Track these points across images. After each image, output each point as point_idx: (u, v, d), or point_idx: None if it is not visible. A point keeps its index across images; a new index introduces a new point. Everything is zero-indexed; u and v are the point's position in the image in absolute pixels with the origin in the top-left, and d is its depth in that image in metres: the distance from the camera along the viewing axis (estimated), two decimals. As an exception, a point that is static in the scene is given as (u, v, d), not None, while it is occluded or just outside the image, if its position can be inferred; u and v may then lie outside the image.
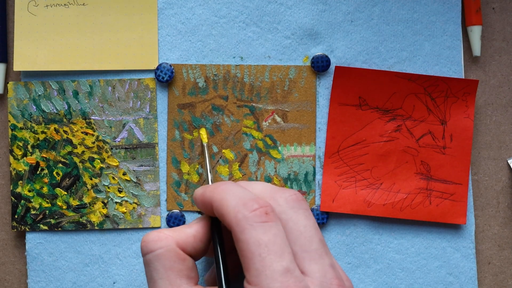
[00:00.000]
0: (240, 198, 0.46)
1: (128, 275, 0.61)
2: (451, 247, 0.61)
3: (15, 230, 0.61)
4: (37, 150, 0.61)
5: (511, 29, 0.63)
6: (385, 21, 0.61)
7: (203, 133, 0.61)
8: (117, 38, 0.61)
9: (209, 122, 0.61)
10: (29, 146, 0.61)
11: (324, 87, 0.61)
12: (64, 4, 0.61)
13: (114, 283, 0.61)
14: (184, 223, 0.61)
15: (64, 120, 0.61)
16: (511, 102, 0.63)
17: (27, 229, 0.61)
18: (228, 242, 0.52)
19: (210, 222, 0.51)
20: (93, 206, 0.61)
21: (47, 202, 0.61)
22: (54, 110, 0.61)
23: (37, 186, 0.61)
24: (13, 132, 0.61)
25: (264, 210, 0.46)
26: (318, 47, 0.61)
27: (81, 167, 0.61)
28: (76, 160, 0.61)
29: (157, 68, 0.61)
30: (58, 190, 0.61)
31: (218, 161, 0.61)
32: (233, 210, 0.46)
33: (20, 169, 0.61)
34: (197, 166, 0.61)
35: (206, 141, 0.60)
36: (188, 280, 0.48)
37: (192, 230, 0.50)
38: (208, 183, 0.56)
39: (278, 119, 0.61)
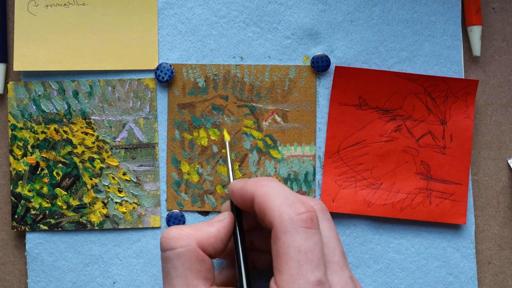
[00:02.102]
0: (286, 197, 0.46)
1: (128, 275, 0.61)
2: (451, 247, 0.61)
3: (15, 230, 0.61)
4: (37, 150, 0.61)
5: (511, 29, 0.63)
6: (385, 21, 0.61)
7: (225, 133, 0.61)
8: (117, 38, 0.61)
9: (209, 122, 0.61)
10: (29, 146, 0.61)
11: (324, 87, 0.61)
12: (64, 4, 0.61)
13: (114, 283, 0.61)
14: (184, 223, 0.61)
15: (64, 120, 0.61)
16: (511, 102, 0.63)
17: (27, 229, 0.61)
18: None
19: (234, 223, 0.51)
20: (93, 206, 0.61)
21: (47, 202, 0.61)
22: (54, 110, 0.61)
23: (37, 186, 0.61)
24: (13, 132, 0.61)
25: (310, 216, 0.45)
26: (318, 47, 0.61)
27: (81, 167, 0.61)
28: (76, 160, 0.61)
29: (157, 68, 0.61)
30: (58, 190, 0.61)
31: (218, 161, 0.61)
32: (279, 209, 0.45)
33: (20, 169, 0.61)
34: (197, 166, 0.61)
35: (229, 139, 0.60)
36: (205, 281, 0.47)
37: (213, 230, 0.49)
38: (230, 181, 0.55)
39: (278, 119, 0.61)
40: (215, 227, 0.49)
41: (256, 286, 0.56)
